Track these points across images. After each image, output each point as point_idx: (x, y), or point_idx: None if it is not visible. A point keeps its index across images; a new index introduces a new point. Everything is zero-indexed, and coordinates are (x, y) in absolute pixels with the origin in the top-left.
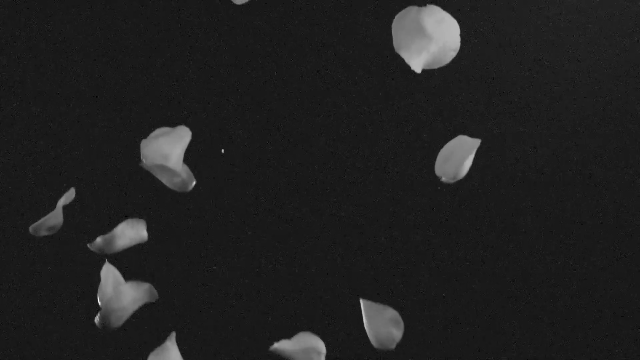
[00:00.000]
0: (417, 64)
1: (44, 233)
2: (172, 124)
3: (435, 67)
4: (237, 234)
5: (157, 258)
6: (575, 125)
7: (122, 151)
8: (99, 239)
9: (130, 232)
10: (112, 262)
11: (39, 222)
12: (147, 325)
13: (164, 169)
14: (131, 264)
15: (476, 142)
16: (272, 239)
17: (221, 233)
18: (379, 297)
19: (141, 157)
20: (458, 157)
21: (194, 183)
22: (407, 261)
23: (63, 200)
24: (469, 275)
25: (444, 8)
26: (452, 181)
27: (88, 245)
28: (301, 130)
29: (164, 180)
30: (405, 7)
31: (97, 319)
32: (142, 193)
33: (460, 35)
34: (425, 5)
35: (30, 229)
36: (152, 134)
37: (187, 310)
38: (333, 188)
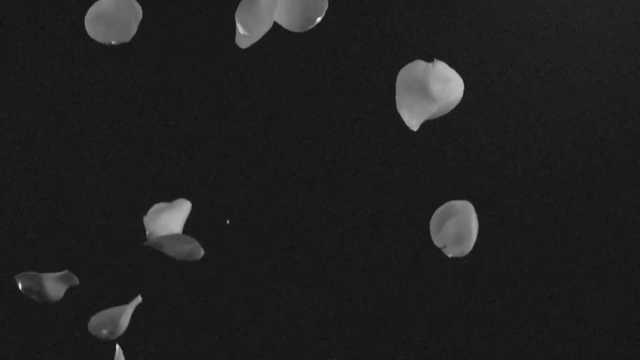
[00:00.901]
0: (415, 124)
1: (30, 295)
2: (168, 198)
3: (433, 118)
4: (245, 302)
5: (165, 332)
6: (581, 184)
7: (118, 230)
8: (104, 332)
9: (130, 310)
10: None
11: (22, 274)
12: None
13: (176, 237)
14: (140, 342)
15: (467, 207)
16: (274, 309)
17: (231, 302)
18: None
19: (146, 234)
20: (454, 225)
21: (202, 251)
22: (409, 344)
23: (64, 283)
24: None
25: (448, 55)
26: (458, 254)
27: (92, 332)
28: (302, 193)
29: (172, 252)
30: (410, 58)
31: None
32: (144, 270)
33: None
34: (433, 61)
35: (15, 277)
36: (152, 210)
37: None
38: (334, 261)
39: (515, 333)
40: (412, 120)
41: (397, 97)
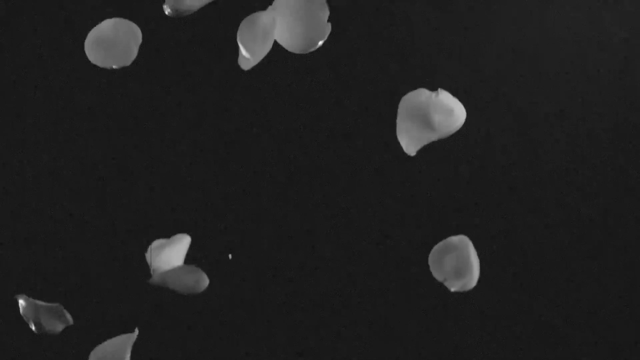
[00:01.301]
0: (412, 150)
1: (29, 322)
2: (165, 234)
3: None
4: (248, 335)
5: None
6: (584, 213)
7: (116, 264)
8: None
9: (129, 346)
10: None
11: (22, 295)
12: None
13: (180, 270)
14: None
15: (464, 241)
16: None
17: (235, 334)
18: None
19: (151, 271)
20: (453, 259)
21: (207, 280)
22: None
23: (59, 318)
24: None
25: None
26: (461, 288)
27: None
28: (304, 225)
29: (177, 285)
30: (412, 82)
31: None
32: (145, 305)
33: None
34: (437, 90)
35: (16, 296)
36: (153, 246)
37: None
38: (335, 294)
39: None
40: (410, 146)
41: (397, 123)
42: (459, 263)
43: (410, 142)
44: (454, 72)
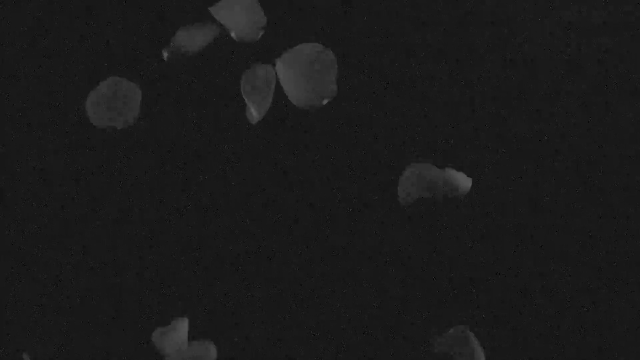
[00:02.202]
0: (408, 205)
1: None
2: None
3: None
4: None
5: None
6: (588, 287)
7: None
8: None
9: None
10: None
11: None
12: None
13: (190, 347)
14: None
15: (466, 332)
16: None
17: None
18: None
19: (164, 356)
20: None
21: (215, 351)
22: None
23: None
24: None
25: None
26: None
27: None
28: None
29: None
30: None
31: None
32: None
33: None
34: (444, 169)
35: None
36: (156, 333)
37: None
38: None
39: None
40: (407, 202)
41: (399, 192)
42: (461, 349)
43: (408, 201)
44: (461, 136)
